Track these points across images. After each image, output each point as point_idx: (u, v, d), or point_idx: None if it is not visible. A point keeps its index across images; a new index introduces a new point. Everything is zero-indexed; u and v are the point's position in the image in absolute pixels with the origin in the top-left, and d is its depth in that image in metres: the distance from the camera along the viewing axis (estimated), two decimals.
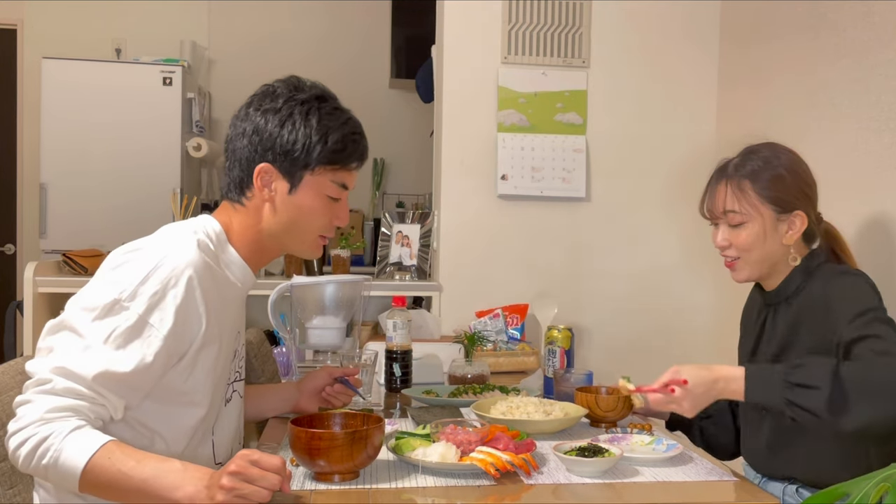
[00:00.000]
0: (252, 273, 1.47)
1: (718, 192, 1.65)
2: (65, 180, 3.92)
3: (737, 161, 1.66)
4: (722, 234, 1.65)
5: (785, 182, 1.61)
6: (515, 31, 2.89)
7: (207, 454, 1.42)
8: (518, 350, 2.50)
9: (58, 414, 1.17)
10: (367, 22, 4.85)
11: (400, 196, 4.85)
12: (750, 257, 1.62)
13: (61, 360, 1.21)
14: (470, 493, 1.28)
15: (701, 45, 3.00)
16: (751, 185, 1.61)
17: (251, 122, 1.41)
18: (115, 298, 1.25)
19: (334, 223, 1.48)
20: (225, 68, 4.73)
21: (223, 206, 1.47)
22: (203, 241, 1.36)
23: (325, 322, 2.25)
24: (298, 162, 1.40)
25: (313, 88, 1.45)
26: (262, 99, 1.43)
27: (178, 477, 1.17)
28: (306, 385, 1.75)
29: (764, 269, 1.64)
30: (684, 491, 1.32)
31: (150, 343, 1.25)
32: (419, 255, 3.04)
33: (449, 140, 2.93)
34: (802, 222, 1.61)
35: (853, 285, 1.53)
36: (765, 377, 1.38)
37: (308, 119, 1.39)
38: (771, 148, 1.67)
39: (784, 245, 1.61)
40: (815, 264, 1.62)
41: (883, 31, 2.08)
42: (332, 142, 1.40)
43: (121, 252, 1.33)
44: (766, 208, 1.60)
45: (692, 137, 2.98)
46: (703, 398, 1.40)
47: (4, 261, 4.60)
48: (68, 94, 3.94)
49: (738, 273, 1.66)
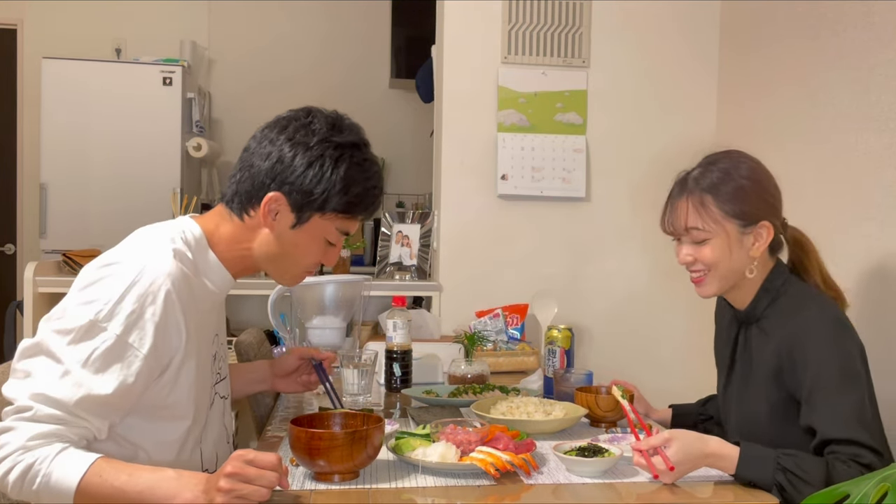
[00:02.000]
0: (231, 277, 1.44)
1: (680, 207, 1.59)
2: (65, 180, 3.92)
3: (696, 174, 1.60)
4: (685, 250, 1.60)
5: (747, 194, 1.56)
6: (515, 31, 2.89)
7: (196, 463, 1.41)
8: (518, 350, 2.50)
9: (41, 441, 1.16)
10: (367, 22, 4.85)
11: (400, 196, 4.85)
12: (717, 272, 1.57)
13: (40, 386, 1.18)
14: (470, 493, 1.28)
15: (701, 46, 3.00)
16: (712, 199, 1.55)
17: (278, 148, 1.36)
18: (92, 320, 1.21)
19: (322, 262, 1.46)
20: (225, 68, 4.74)
21: (217, 210, 1.44)
22: (180, 249, 1.33)
23: (325, 322, 2.26)
24: (313, 204, 1.36)
25: (351, 133, 1.40)
26: (298, 130, 1.37)
27: (173, 485, 1.16)
28: (278, 368, 1.74)
29: (731, 283, 1.60)
30: (684, 491, 1.32)
31: (130, 363, 1.22)
32: (419, 255, 3.04)
33: (449, 140, 2.93)
34: (769, 233, 1.56)
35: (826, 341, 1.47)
36: (758, 457, 1.35)
37: (337, 167, 1.35)
38: (731, 157, 1.62)
39: (751, 257, 1.56)
40: (780, 282, 1.58)
41: (883, 31, 2.08)
42: (352, 194, 1.37)
43: (94, 267, 1.28)
44: (730, 223, 1.55)
45: (692, 137, 2.98)
46: (685, 472, 1.35)
47: (4, 261, 4.60)
48: (68, 94, 3.94)
49: (706, 288, 1.60)
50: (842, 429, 1.39)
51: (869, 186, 2.12)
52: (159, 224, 1.41)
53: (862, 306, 2.13)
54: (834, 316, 1.52)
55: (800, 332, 1.49)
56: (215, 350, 1.48)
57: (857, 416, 1.41)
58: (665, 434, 1.35)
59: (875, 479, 1.01)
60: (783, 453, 1.35)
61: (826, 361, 1.45)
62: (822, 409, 1.42)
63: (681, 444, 1.34)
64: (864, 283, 2.13)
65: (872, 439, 1.39)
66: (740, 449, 1.36)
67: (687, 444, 1.35)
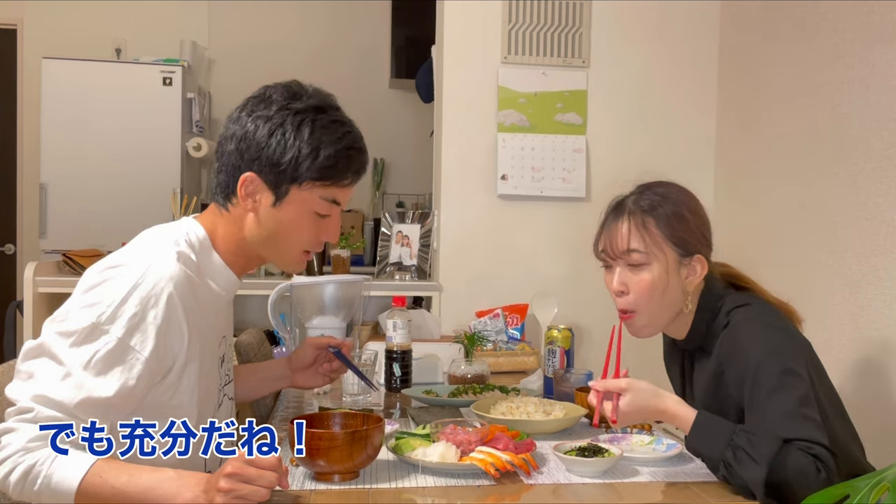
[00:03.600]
0: (236, 278, 1.42)
1: (619, 228, 1.51)
2: (65, 180, 3.92)
3: (634, 197, 1.53)
4: (619, 278, 1.50)
5: (687, 222, 1.50)
6: (515, 31, 2.89)
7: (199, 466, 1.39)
8: (518, 350, 2.50)
9: (41, 443, 1.16)
10: (367, 22, 4.85)
11: (400, 196, 4.85)
12: (650, 306, 1.49)
13: (42, 388, 1.18)
14: (470, 493, 1.28)
15: (701, 46, 3.00)
16: (654, 222, 1.48)
17: (241, 126, 1.34)
18: (94, 322, 1.20)
19: (321, 238, 1.40)
20: (225, 68, 4.74)
21: (210, 209, 1.42)
22: (184, 252, 1.31)
23: (325, 322, 2.25)
24: (285, 176, 1.31)
25: (312, 97, 1.35)
26: (257, 104, 1.35)
27: (173, 485, 1.16)
28: (296, 363, 1.70)
29: (665, 320, 1.53)
30: (684, 491, 1.32)
31: (131, 366, 1.22)
32: (419, 255, 3.04)
33: (449, 140, 2.93)
34: (703, 268, 1.50)
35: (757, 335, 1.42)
36: (712, 430, 1.32)
37: (300, 131, 1.31)
38: (666, 185, 1.56)
39: (685, 292, 1.50)
40: (716, 298, 1.52)
41: (883, 31, 2.08)
42: (322, 157, 1.31)
43: (97, 270, 1.27)
44: (670, 249, 1.48)
45: (692, 137, 2.98)
46: (634, 419, 1.36)
47: (4, 261, 4.60)
48: (68, 94, 3.94)
49: (638, 329, 1.53)
50: (787, 428, 1.30)
51: (869, 186, 2.12)
52: (164, 226, 1.39)
53: (862, 306, 2.13)
54: (764, 317, 1.47)
55: (730, 344, 1.45)
56: (223, 352, 1.47)
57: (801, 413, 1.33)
58: (622, 383, 1.35)
59: (875, 479, 1.01)
60: (741, 429, 1.31)
61: (761, 363, 1.38)
62: (765, 411, 1.35)
63: (634, 396, 1.33)
64: (864, 284, 2.13)
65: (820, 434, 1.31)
66: (696, 417, 1.33)
67: (641, 398, 1.34)
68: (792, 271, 2.45)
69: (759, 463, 1.26)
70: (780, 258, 2.53)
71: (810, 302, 2.23)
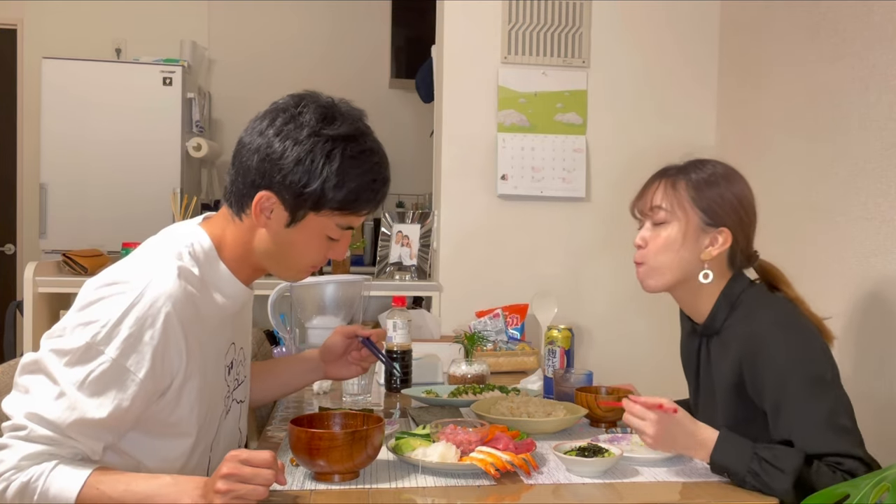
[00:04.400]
0: (245, 288, 1.39)
1: (651, 188, 1.57)
2: (65, 180, 3.92)
3: (680, 165, 1.58)
4: (642, 233, 1.56)
5: (720, 194, 1.51)
6: (515, 31, 2.89)
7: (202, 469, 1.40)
8: (518, 350, 2.50)
9: (32, 461, 1.16)
10: (367, 22, 4.85)
11: (400, 196, 4.85)
12: (657, 261, 1.53)
13: (36, 405, 1.17)
14: (470, 493, 1.28)
15: (701, 46, 3.00)
16: (685, 185, 1.52)
17: (266, 141, 1.28)
18: (89, 342, 1.18)
19: (329, 257, 1.38)
20: (225, 68, 4.74)
21: (222, 213, 1.38)
22: (185, 267, 1.28)
23: (325, 322, 2.25)
24: (306, 203, 1.27)
25: (344, 123, 1.30)
26: (287, 122, 1.28)
27: (171, 492, 1.16)
28: (327, 354, 1.68)
29: (673, 279, 1.53)
30: (684, 491, 1.32)
31: (126, 387, 1.20)
32: (419, 255, 3.04)
33: (449, 140, 2.93)
34: (726, 241, 1.50)
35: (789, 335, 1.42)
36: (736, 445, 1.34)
37: (329, 161, 1.26)
38: (716, 163, 1.59)
39: (700, 260, 1.51)
40: (739, 291, 1.52)
41: (883, 31, 2.08)
42: (347, 190, 1.27)
43: (95, 286, 1.24)
44: (694, 213, 1.51)
45: (692, 137, 2.98)
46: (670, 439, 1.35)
47: (4, 261, 4.60)
48: (68, 94, 3.95)
49: (644, 279, 1.56)
50: (819, 442, 1.33)
51: (869, 186, 2.12)
52: (168, 234, 1.36)
53: (862, 306, 2.13)
54: (791, 320, 1.46)
55: (755, 341, 1.44)
56: (231, 359, 1.44)
57: (831, 424, 1.35)
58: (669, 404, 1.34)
59: (875, 479, 1.01)
60: (762, 446, 1.33)
61: (788, 371, 1.39)
62: (794, 423, 1.36)
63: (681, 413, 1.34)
64: (864, 283, 2.13)
65: (852, 445, 1.34)
66: (720, 433, 1.34)
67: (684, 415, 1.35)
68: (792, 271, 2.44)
69: (785, 473, 1.28)
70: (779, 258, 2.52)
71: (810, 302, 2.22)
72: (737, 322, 1.50)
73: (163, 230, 1.38)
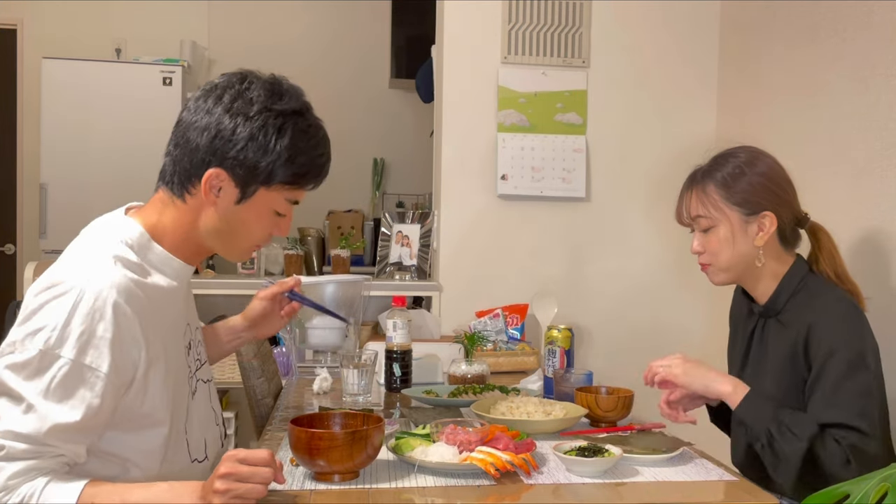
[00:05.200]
0: (186, 265, 1.36)
1: (686, 198, 1.68)
2: (65, 180, 3.93)
3: (705, 168, 1.67)
4: (695, 241, 1.68)
5: (749, 183, 1.60)
6: (515, 31, 2.89)
7: (183, 456, 1.38)
8: (518, 350, 2.50)
9: (20, 479, 1.12)
10: (367, 22, 4.86)
11: (400, 196, 4.86)
12: (719, 261, 1.64)
13: (7, 424, 1.13)
14: (470, 493, 1.28)
15: (701, 46, 3.00)
16: (714, 188, 1.62)
17: (216, 120, 1.29)
18: (42, 349, 1.14)
19: (274, 234, 1.39)
20: (225, 68, 4.66)
21: (157, 197, 1.37)
22: (121, 255, 1.25)
23: (325, 322, 2.25)
24: (258, 178, 1.29)
25: (291, 98, 1.32)
26: (234, 98, 1.30)
27: (167, 497, 1.15)
28: (252, 316, 1.68)
29: (738, 272, 1.65)
30: (684, 491, 1.32)
31: (92, 385, 1.16)
32: (419, 255, 3.04)
33: (449, 140, 2.93)
34: (772, 223, 1.60)
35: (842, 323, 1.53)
36: (760, 403, 1.48)
37: (280, 136, 1.28)
38: (738, 150, 1.67)
39: (755, 247, 1.61)
40: (800, 277, 1.62)
41: (883, 31, 2.08)
42: (297, 164, 1.30)
43: (34, 292, 1.21)
44: (732, 211, 1.61)
45: (692, 137, 2.98)
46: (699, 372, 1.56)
47: (4, 261, 4.60)
48: (68, 94, 3.95)
49: (713, 277, 1.69)
50: (833, 412, 1.44)
51: (869, 186, 2.12)
52: (92, 230, 1.33)
53: None
54: (851, 305, 1.56)
55: (816, 317, 1.53)
56: (189, 339, 1.42)
57: (858, 403, 1.44)
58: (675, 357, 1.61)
59: (875, 479, 1.01)
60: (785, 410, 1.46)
61: (837, 345, 1.48)
62: (825, 392, 1.47)
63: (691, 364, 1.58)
64: (864, 284, 2.13)
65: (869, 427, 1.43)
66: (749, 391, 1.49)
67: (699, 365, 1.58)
68: None
69: (800, 439, 1.40)
70: None
71: None
72: (798, 305, 1.60)
73: (84, 228, 1.35)
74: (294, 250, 3.10)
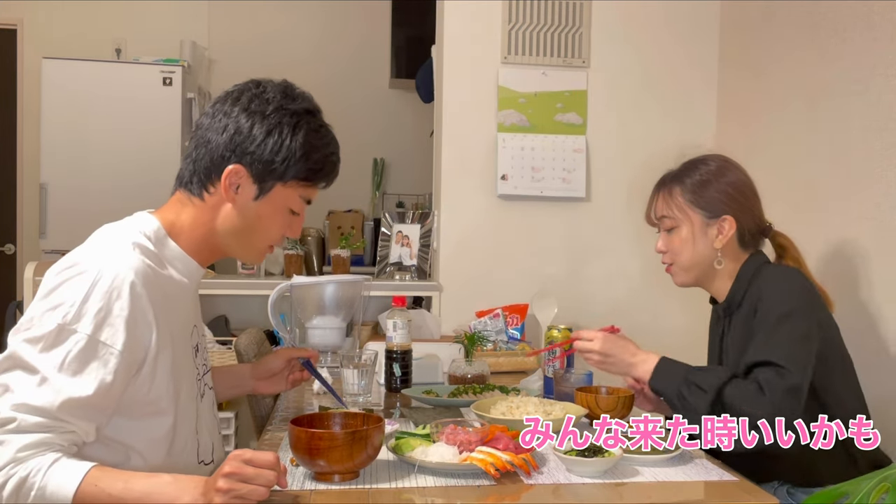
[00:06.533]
0: (198, 266, 1.41)
1: (654, 199, 1.77)
2: (65, 180, 3.92)
3: (675, 172, 1.76)
4: (660, 241, 1.76)
5: (715, 190, 1.68)
6: (515, 31, 2.89)
7: (192, 456, 1.40)
8: (518, 350, 2.50)
9: (31, 451, 1.14)
10: (366, 22, 4.86)
11: (400, 196, 4.86)
12: (681, 261, 1.72)
13: (20, 397, 1.16)
14: (470, 493, 1.28)
15: (701, 45, 3.00)
16: (680, 191, 1.71)
17: (234, 120, 1.36)
18: (60, 324, 1.19)
19: (287, 234, 1.45)
20: (225, 68, 4.74)
21: (175, 198, 1.41)
22: (140, 242, 1.31)
23: (325, 322, 2.26)
24: (275, 173, 1.36)
25: (303, 100, 1.40)
26: (252, 100, 1.37)
27: (171, 490, 1.16)
28: (262, 371, 1.72)
29: (698, 272, 1.73)
30: (684, 491, 1.32)
31: (106, 361, 1.20)
32: (419, 255, 3.04)
33: (449, 140, 2.93)
34: (731, 227, 1.67)
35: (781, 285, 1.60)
36: (672, 370, 1.56)
37: (295, 133, 1.36)
38: (710, 159, 1.74)
39: (714, 249, 1.69)
40: (754, 268, 1.68)
41: (883, 31, 2.08)
42: (312, 161, 1.37)
43: (55, 271, 1.26)
44: (695, 213, 1.69)
45: (692, 137, 2.98)
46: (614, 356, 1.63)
47: (4, 261, 4.60)
48: (68, 94, 3.95)
49: (675, 277, 1.77)
50: (759, 353, 1.50)
51: (869, 187, 2.12)
52: (116, 223, 1.38)
53: (860, 305, 2.13)
54: (794, 271, 1.63)
55: (761, 292, 1.61)
56: (196, 341, 1.45)
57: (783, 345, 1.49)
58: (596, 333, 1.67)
59: (875, 479, 1.02)
60: (697, 369, 1.53)
61: (773, 301, 1.56)
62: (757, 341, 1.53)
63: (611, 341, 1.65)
64: (863, 284, 2.13)
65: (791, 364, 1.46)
66: (659, 360, 1.58)
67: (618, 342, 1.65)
68: None
69: (706, 391, 1.47)
70: None
71: None
72: (754, 292, 1.64)
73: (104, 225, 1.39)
74: (294, 250, 3.10)
